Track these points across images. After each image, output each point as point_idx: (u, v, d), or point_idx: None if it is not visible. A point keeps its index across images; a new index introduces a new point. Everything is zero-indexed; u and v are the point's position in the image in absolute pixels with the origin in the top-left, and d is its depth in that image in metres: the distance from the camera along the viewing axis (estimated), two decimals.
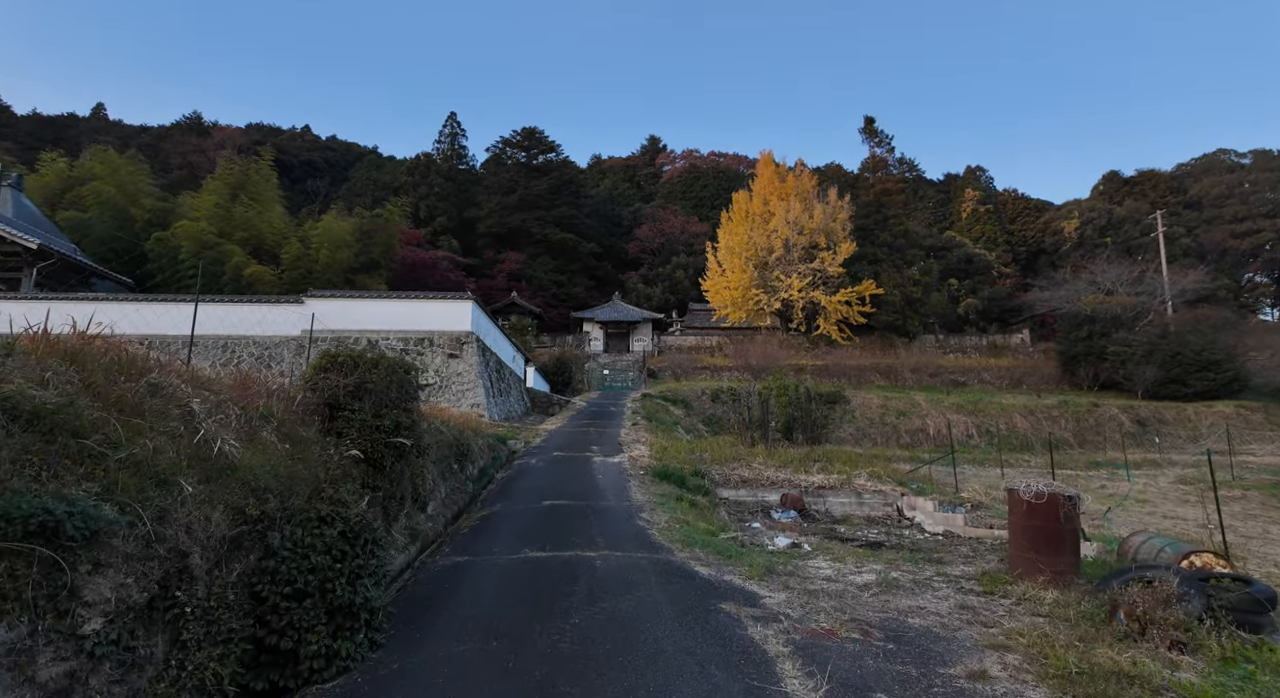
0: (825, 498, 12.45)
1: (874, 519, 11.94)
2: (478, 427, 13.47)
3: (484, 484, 11.11)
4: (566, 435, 17.11)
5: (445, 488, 9.28)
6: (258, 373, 7.95)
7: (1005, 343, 48.20)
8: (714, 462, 13.79)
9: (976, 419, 32.01)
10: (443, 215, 61.26)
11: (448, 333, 20.04)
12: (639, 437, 16.87)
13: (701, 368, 41.91)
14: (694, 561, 6.16)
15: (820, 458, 14.10)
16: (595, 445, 14.74)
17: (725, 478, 12.86)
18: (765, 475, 12.95)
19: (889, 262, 47.35)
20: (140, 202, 40.31)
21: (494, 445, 13.58)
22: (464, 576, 5.85)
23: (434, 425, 9.63)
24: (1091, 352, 39.48)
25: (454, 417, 11.55)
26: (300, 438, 5.36)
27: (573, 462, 12.61)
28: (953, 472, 14.63)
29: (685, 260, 61.14)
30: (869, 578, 6.05)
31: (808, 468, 13.37)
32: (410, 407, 6.67)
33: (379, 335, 19.85)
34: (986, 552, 7.91)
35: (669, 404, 29.14)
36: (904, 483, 12.98)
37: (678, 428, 25.16)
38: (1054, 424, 31.87)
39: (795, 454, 14.26)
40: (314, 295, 20.15)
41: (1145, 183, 64.59)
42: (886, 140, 50.50)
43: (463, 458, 10.48)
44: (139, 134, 76.01)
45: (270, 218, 40.78)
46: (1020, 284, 62.40)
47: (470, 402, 19.16)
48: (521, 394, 26.89)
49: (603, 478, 10.75)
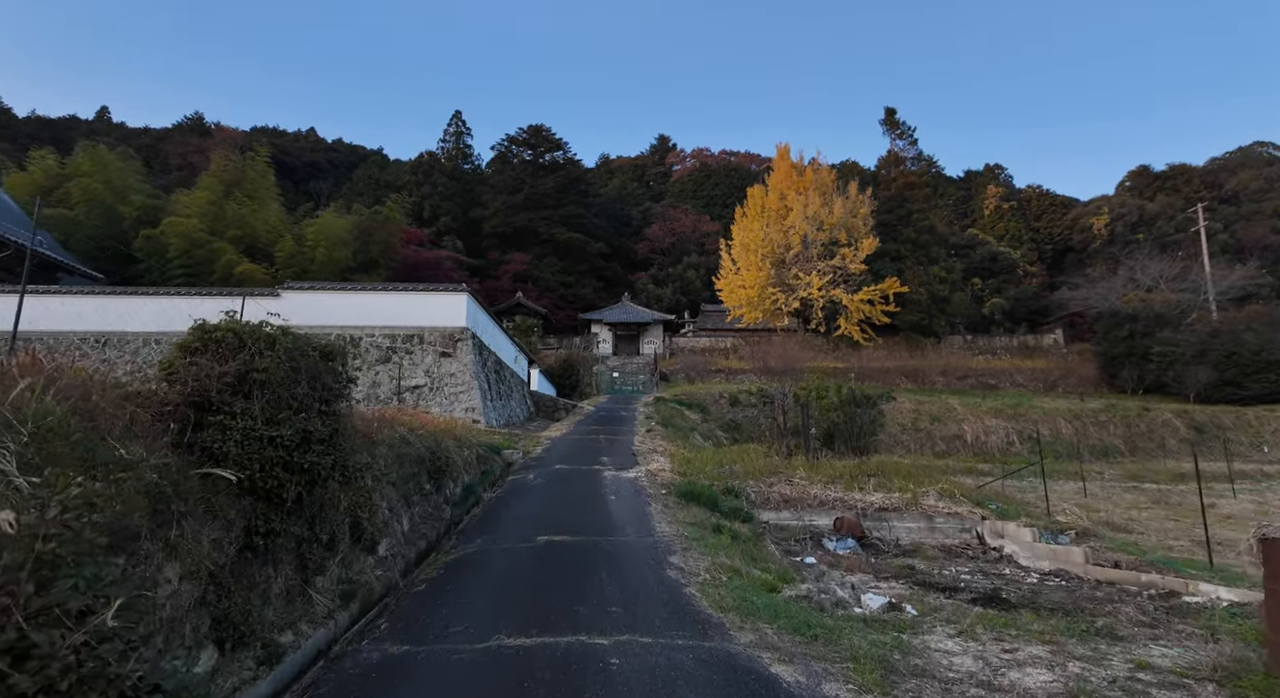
0: (888, 522, 10.17)
1: (951, 550, 9.64)
2: (465, 435, 11.30)
3: (468, 506, 8.94)
4: (572, 444, 14.92)
5: (411, 516, 7.09)
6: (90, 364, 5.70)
7: (1037, 344, 45.64)
8: (747, 476, 11.55)
9: (1016, 425, 29.54)
10: (447, 215, 59.44)
11: (440, 329, 17.92)
12: (655, 445, 14.65)
13: (716, 370, 39.66)
14: (764, 650, 3.92)
15: (873, 471, 11.82)
16: (605, 456, 12.54)
17: (763, 497, 10.61)
18: (811, 493, 10.69)
19: (913, 258, 44.94)
20: (129, 198, 38.70)
21: (485, 457, 11.40)
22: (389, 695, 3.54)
23: (398, 435, 7.45)
24: (1134, 352, 36.90)
25: (431, 423, 9.38)
26: (115, 461, 3.16)
27: (579, 477, 10.40)
28: (1029, 487, 12.31)
29: (697, 260, 58.96)
30: (1041, 678, 3.84)
31: (861, 484, 11.09)
32: (331, 409, 4.49)
33: (363, 332, 17.77)
34: (1164, 615, 5.65)
35: (684, 408, 26.90)
36: (981, 503, 10.67)
37: (694, 434, 22.91)
38: (1102, 430, 29.35)
39: (842, 467, 11.99)
40: (291, 288, 18.11)
41: (1177, 178, 61.83)
42: (908, 132, 48.19)
43: (439, 475, 8.30)
44: (139, 135, 74.90)
45: (266, 216, 39.14)
46: (1047, 283, 59.79)
47: (464, 405, 17.02)
48: (524, 398, 24.74)
49: (616, 501, 8.54)
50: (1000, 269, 59.81)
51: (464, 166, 67.85)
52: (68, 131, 74.87)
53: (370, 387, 17.08)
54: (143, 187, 41.49)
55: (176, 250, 34.34)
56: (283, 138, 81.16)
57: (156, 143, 71.71)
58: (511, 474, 10.98)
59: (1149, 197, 61.36)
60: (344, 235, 39.86)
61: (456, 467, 9.30)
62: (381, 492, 6.25)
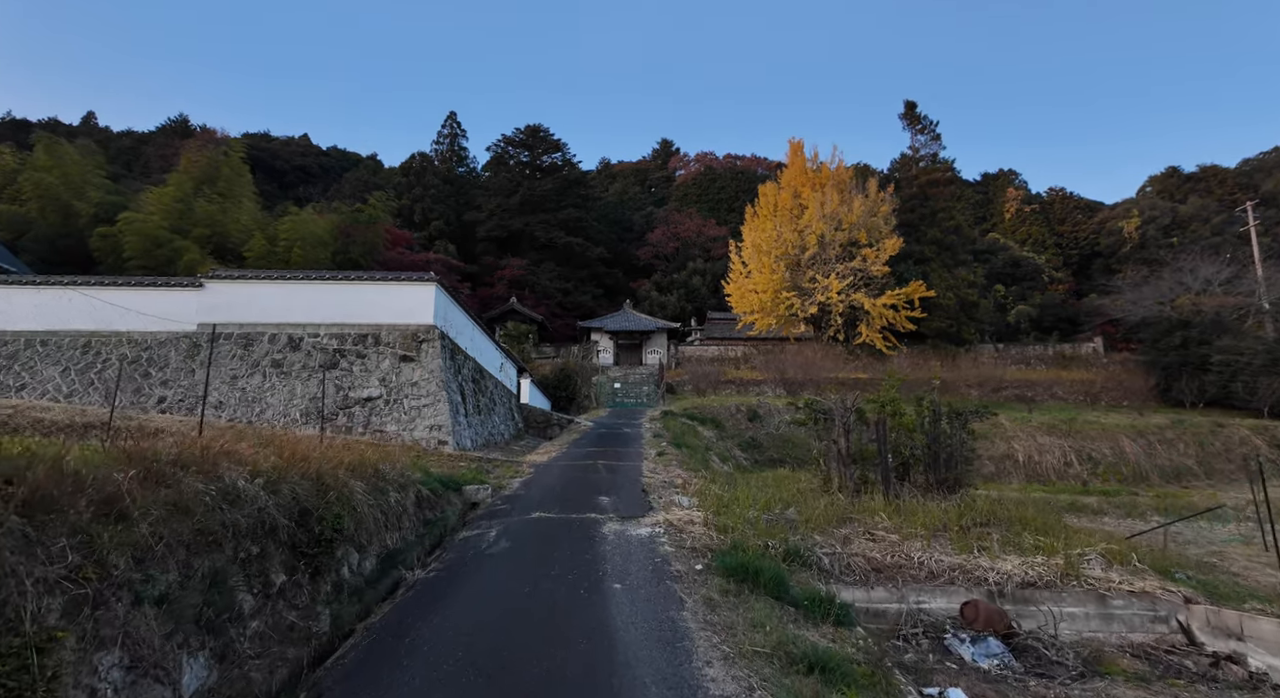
0: (1036, 604, 6.65)
1: (1150, 655, 6.13)
2: (406, 466, 7.83)
3: (380, 595, 5.45)
4: (563, 473, 11.42)
5: (223, 648, 3.59)
6: None
7: (1075, 353, 42.13)
8: (807, 524, 8.06)
9: (1073, 442, 26.00)
10: (439, 218, 56.31)
11: (401, 327, 14.49)
12: (671, 476, 11.15)
13: (727, 381, 36.17)
14: None
15: (984, 518, 8.34)
16: (606, 496, 9.03)
17: (840, 561, 7.10)
18: (912, 556, 7.18)
19: (938, 261, 41.59)
20: (86, 194, 35.55)
21: (434, 499, 7.92)
22: None
23: (218, 489, 3.99)
24: (1187, 362, 33.41)
25: (331, 456, 5.90)
26: None
27: (566, 536, 6.89)
28: (1196, 537, 8.79)
29: (702, 266, 55.67)
30: None
31: (981, 540, 7.60)
32: None
33: (305, 331, 14.32)
34: None
35: (696, 424, 23.38)
36: (1166, 572, 7.15)
37: (710, 455, 19.39)
38: (1170, 449, 25.79)
39: (939, 512, 8.50)
40: (217, 277, 14.68)
41: (1210, 179, 58.68)
42: (930, 126, 45.02)
43: (321, 549, 4.82)
44: (121, 138, 72.04)
45: (239, 215, 36.02)
46: (1073, 290, 56.50)
47: (428, 422, 13.54)
48: (511, 412, 21.23)
49: (623, 594, 5.03)
50: (1023, 275, 56.59)
51: (459, 170, 64.81)
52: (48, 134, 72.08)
53: (310, 399, 13.62)
54: (104, 182, 38.39)
55: (134, 249, 31.22)
56: (272, 142, 78.34)
57: (138, 145, 68.85)
58: (468, 527, 7.50)
59: (1180, 199, 58.17)
60: (323, 235, 36.79)
61: (368, 526, 5.81)
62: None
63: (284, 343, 14.20)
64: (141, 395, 13.27)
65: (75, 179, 35.55)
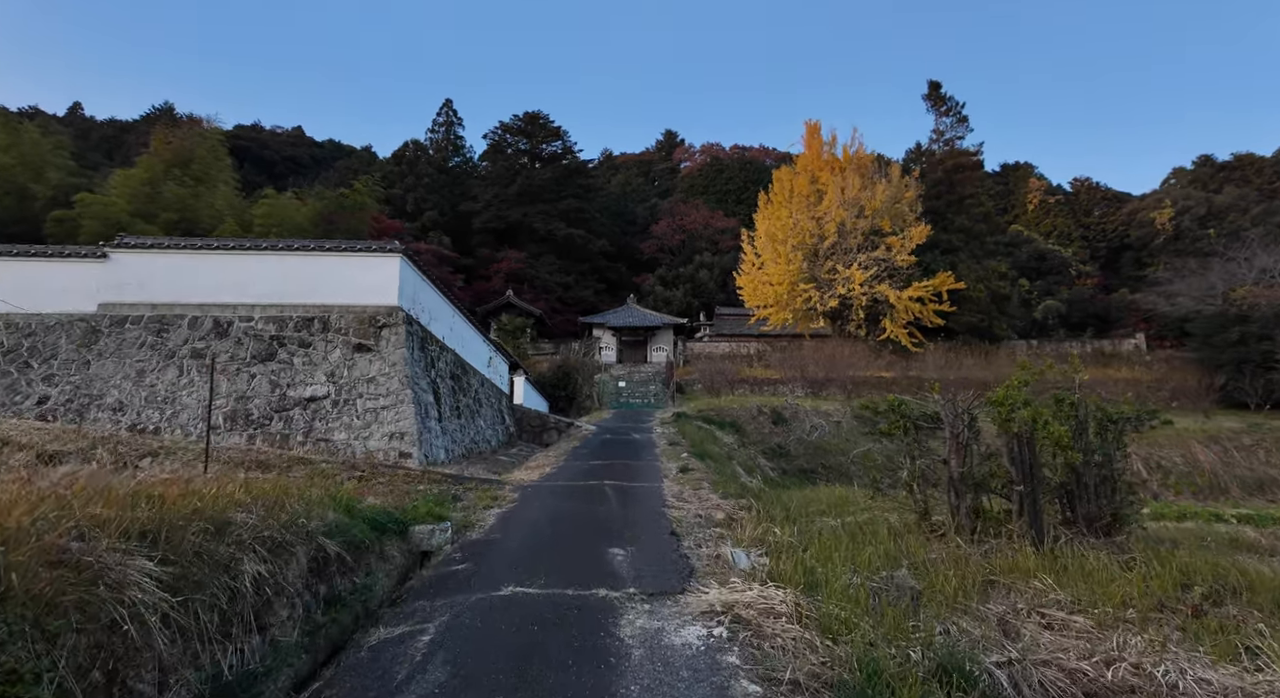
0: None
1: None
2: (316, 499, 4.90)
3: None
4: (557, 502, 8.50)
5: None
6: None
7: (1114, 350, 39.16)
8: (935, 594, 5.13)
9: (1138, 449, 23.04)
10: (433, 209, 53.43)
11: (356, 309, 11.55)
12: (708, 507, 8.21)
13: (741, 380, 33.24)
14: None
15: (1207, 584, 5.41)
16: (619, 547, 6.11)
17: (1026, 676, 4.14)
18: (1138, 665, 4.24)
19: (967, 251, 38.63)
20: (45, 175, 32.76)
21: (347, 559, 4.98)
22: None
23: None
24: (1247, 359, 30.48)
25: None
26: None
27: (555, 646, 3.97)
28: None
29: (709, 259, 52.74)
30: None
31: (1238, 633, 4.65)
32: None
33: (235, 314, 11.38)
34: None
35: (714, 429, 20.43)
36: None
37: (733, 465, 16.45)
38: (1250, 457, 22.85)
39: (1116, 569, 5.59)
40: (125, 246, 11.74)
41: (1246, 167, 55.64)
42: (956, 108, 42.04)
43: None
44: (104, 126, 69.29)
45: (212, 199, 33.21)
46: (1102, 284, 53.52)
47: (388, 429, 10.58)
48: (500, 415, 18.27)
49: None
50: (1049, 269, 53.60)
51: (454, 160, 61.92)
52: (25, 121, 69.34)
53: (238, 399, 10.68)
54: (66, 164, 35.54)
55: (90, 233, 28.38)
56: (262, 132, 75.49)
57: (120, 133, 66.05)
58: (394, 617, 4.56)
59: (1214, 189, 55.14)
60: (303, 222, 34.00)
61: (148, 655, 2.82)
62: None
63: (208, 328, 11.27)
64: (17, 394, 10.33)
65: (33, 160, 32.74)
